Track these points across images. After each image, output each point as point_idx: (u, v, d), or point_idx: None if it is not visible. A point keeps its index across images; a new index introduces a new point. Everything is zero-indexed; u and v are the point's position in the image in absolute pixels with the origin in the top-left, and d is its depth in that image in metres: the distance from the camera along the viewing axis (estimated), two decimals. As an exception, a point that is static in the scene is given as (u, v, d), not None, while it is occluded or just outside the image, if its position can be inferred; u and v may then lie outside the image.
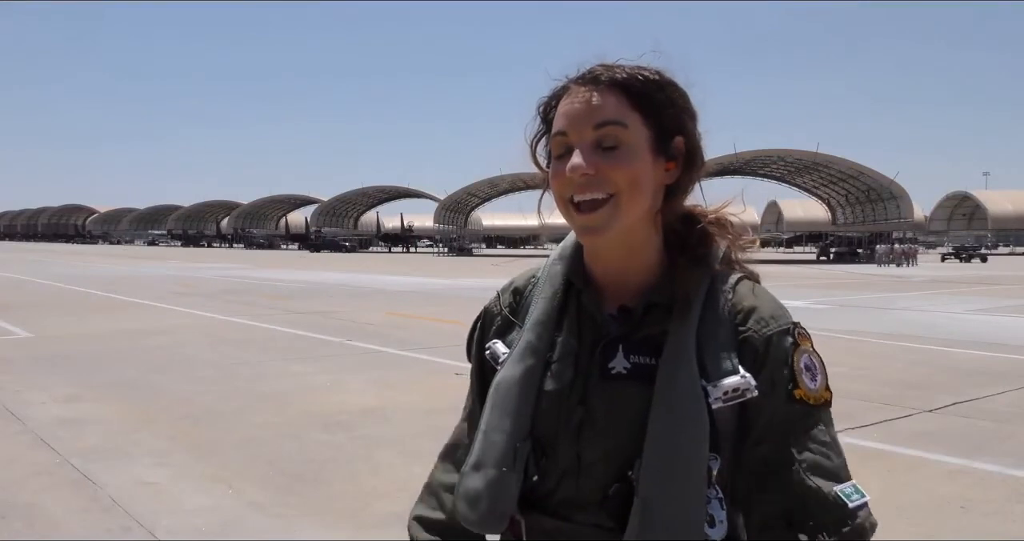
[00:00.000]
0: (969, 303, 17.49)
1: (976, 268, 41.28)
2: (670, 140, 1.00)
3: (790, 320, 1.01)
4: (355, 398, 6.79)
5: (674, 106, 1.00)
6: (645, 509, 0.93)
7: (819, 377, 1.00)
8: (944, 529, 3.94)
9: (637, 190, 0.97)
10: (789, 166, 58.09)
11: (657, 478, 0.93)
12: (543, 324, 1.07)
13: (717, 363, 0.97)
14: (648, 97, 0.98)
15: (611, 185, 0.96)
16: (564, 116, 0.99)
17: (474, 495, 1.03)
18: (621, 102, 0.98)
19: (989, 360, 9.16)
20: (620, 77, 0.98)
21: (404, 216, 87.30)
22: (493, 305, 1.18)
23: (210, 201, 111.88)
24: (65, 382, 7.40)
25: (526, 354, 1.06)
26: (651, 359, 0.99)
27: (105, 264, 37.76)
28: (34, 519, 3.94)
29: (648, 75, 0.99)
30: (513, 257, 38.93)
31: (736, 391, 0.95)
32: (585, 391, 1.01)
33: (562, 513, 1.01)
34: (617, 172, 0.96)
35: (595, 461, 0.99)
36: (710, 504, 0.94)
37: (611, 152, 0.97)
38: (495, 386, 1.07)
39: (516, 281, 1.18)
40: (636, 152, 0.97)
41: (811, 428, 0.97)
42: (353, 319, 13.36)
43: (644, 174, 0.98)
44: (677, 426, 0.94)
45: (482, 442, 1.05)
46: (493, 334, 1.14)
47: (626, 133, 0.97)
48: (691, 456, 0.93)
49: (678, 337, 0.98)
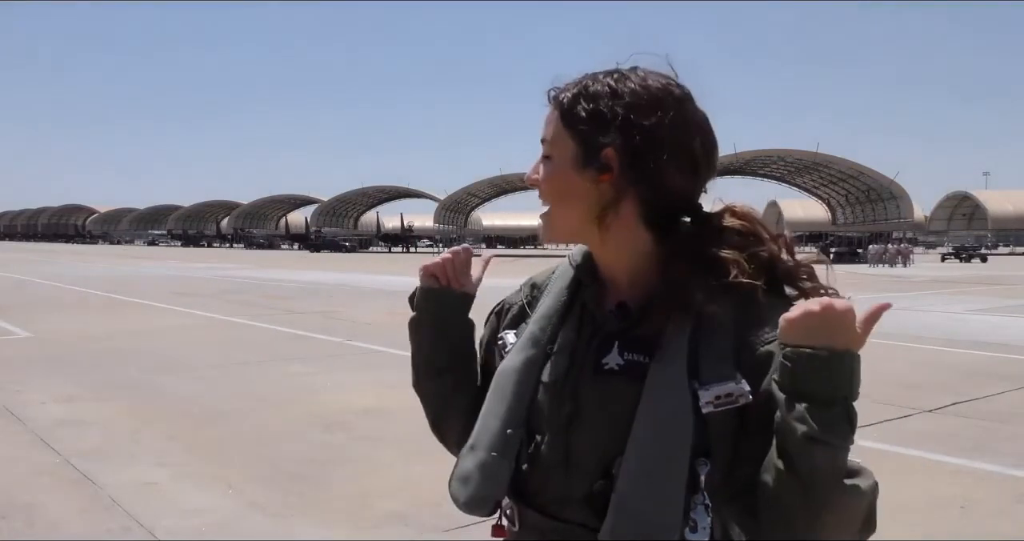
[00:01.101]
0: (969, 303, 17.49)
1: (976, 268, 41.29)
2: (598, 153, 1.00)
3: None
4: (355, 398, 6.79)
5: (596, 119, 1.00)
6: (619, 507, 0.94)
7: None
8: (944, 529, 3.94)
9: (563, 201, 1.05)
10: (789, 166, 58.16)
11: (634, 476, 0.94)
12: (548, 317, 1.10)
13: (712, 367, 0.96)
14: (572, 113, 1.03)
15: (544, 196, 1.07)
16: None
17: (465, 476, 1.06)
18: (556, 119, 1.05)
19: (989, 360, 9.17)
20: (561, 96, 1.05)
21: (404, 216, 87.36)
22: (513, 296, 1.22)
23: (210, 201, 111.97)
24: (65, 382, 7.41)
25: (528, 344, 1.09)
26: (644, 357, 0.99)
27: (105, 264, 37.76)
28: (34, 519, 3.94)
29: (580, 90, 1.03)
30: (513, 257, 38.90)
31: (729, 396, 0.94)
32: (577, 384, 1.03)
33: (552, 510, 1.02)
34: (544, 184, 1.06)
35: (583, 456, 1.00)
36: (695, 510, 0.93)
37: (544, 166, 1.06)
38: (498, 373, 1.10)
39: (536, 276, 1.22)
40: (557, 167, 1.04)
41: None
42: (353, 319, 13.37)
43: (563, 187, 1.04)
44: (660, 426, 0.94)
45: (479, 426, 1.08)
46: (507, 324, 1.19)
47: (553, 149, 1.05)
48: (671, 457, 0.93)
49: (672, 338, 0.98)
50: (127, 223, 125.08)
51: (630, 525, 0.93)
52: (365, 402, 6.65)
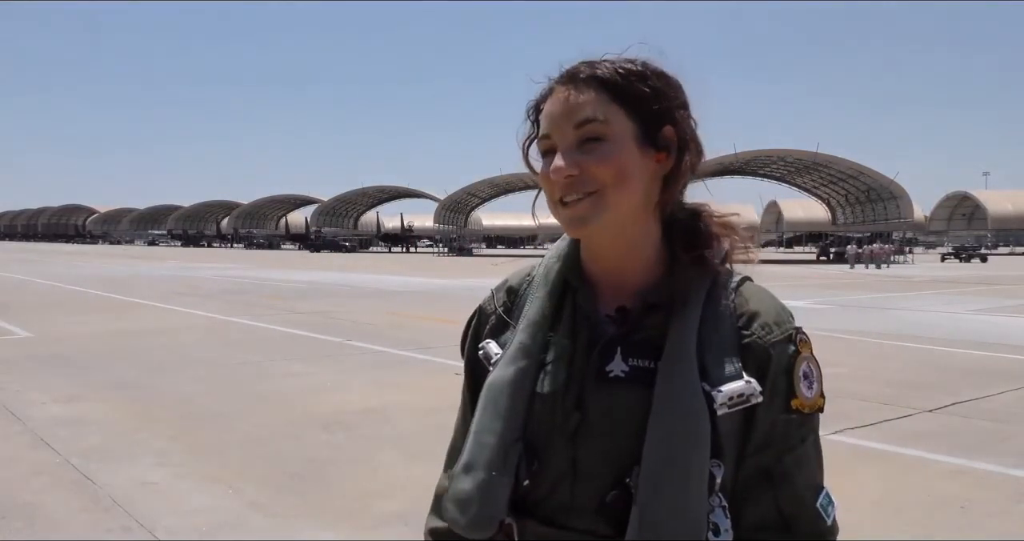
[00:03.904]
0: (969, 303, 17.48)
1: (976, 268, 41.27)
2: (658, 131, 0.98)
3: (793, 325, 1.00)
4: (355, 398, 6.79)
5: (659, 96, 0.98)
6: (644, 517, 0.91)
7: (815, 385, 0.99)
8: (944, 529, 3.93)
9: (624, 183, 0.95)
10: (789, 166, 58.10)
11: (656, 485, 0.91)
12: (537, 324, 1.04)
13: (720, 366, 0.95)
14: (629, 89, 0.96)
15: (595, 183, 0.95)
16: (547, 118, 0.99)
17: (464, 498, 1.01)
18: (601, 98, 0.96)
19: (989, 360, 9.16)
20: (600, 73, 0.97)
21: (404, 216, 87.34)
22: (488, 304, 1.15)
23: (210, 201, 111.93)
24: (65, 382, 7.40)
25: (519, 355, 1.03)
26: (650, 362, 0.96)
27: (105, 264, 37.75)
28: (34, 519, 3.94)
29: (629, 67, 0.98)
30: (513, 257, 38.94)
31: (742, 397, 0.93)
32: (581, 394, 0.99)
33: (557, 520, 0.98)
34: (600, 168, 0.95)
35: (592, 466, 0.96)
36: (714, 513, 0.92)
37: (594, 149, 0.95)
38: (487, 387, 1.04)
39: (511, 280, 1.15)
40: (619, 146, 0.95)
41: (805, 437, 0.97)
42: (353, 319, 13.36)
43: (629, 167, 0.96)
44: (677, 431, 0.92)
45: (473, 444, 1.02)
46: (487, 334, 1.12)
47: (607, 128, 0.95)
48: (692, 462, 0.91)
49: (678, 338, 0.96)
50: (127, 223, 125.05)
51: (658, 534, 0.90)
52: (365, 402, 6.65)
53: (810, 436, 0.98)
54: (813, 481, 0.98)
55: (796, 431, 0.96)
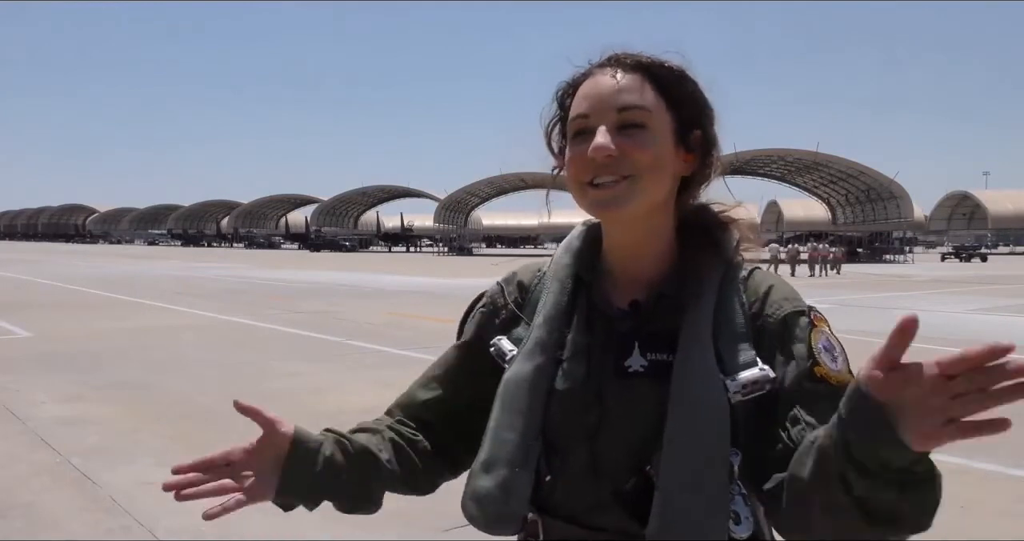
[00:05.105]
0: (969, 303, 17.49)
1: (976, 268, 41.29)
2: (690, 132, 1.00)
3: (805, 303, 1.01)
4: (355, 398, 6.79)
5: (696, 100, 1.01)
6: (666, 504, 0.91)
7: (839, 358, 0.98)
8: (944, 529, 3.92)
9: (658, 173, 0.97)
10: (789, 166, 58.07)
11: (678, 474, 0.91)
12: (553, 320, 1.04)
13: (734, 355, 0.95)
14: (672, 86, 0.99)
15: (632, 167, 0.95)
16: (586, 98, 0.98)
17: (484, 495, 1.00)
18: (646, 87, 0.97)
19: (989, 360, 9.14)
20: (645, 62, 0.99)
21: (404, 216, 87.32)
22: (498, 296, 1.14)
23: (210, 201, 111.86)
24: (65, 382, 7.41)
25: (536, 351, 1.03)
26: (668, 355, 0.97)
27: (105, 264, 37.74)
28: (34, 519, 3.94)
29: (672, 66, 1.00)
30: (513, 257, 38.96)
31: (756, 384, 0.93)
32: (600, 390, 0.99)
33: (580, 517, 0.98)
34: (640, 153, 0.95)
35: (613, 461, 0.97)
36: (734, 500, 0.91)
37: (635, 135, 0.95)
38: (504, 384, 1.04)
39: (520, 275, 1.15)
40: (659, 136, 0.97)
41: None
42: (354, 319, 13.36)
43: (666, 158, 0.97)
44: (697, 420, 0.92)
45: (492, 441, 1.02)
46: (498, 328, 1.11)
47: (650, 117, 0.96)
48: (712, 450, 0.91)
49: (694, 329, 0.96)
50: (127, 223, 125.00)
51: (678, 524, 0.90)
52: (365, 402, 6.64)
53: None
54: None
55: (828, 404, 0.84)
